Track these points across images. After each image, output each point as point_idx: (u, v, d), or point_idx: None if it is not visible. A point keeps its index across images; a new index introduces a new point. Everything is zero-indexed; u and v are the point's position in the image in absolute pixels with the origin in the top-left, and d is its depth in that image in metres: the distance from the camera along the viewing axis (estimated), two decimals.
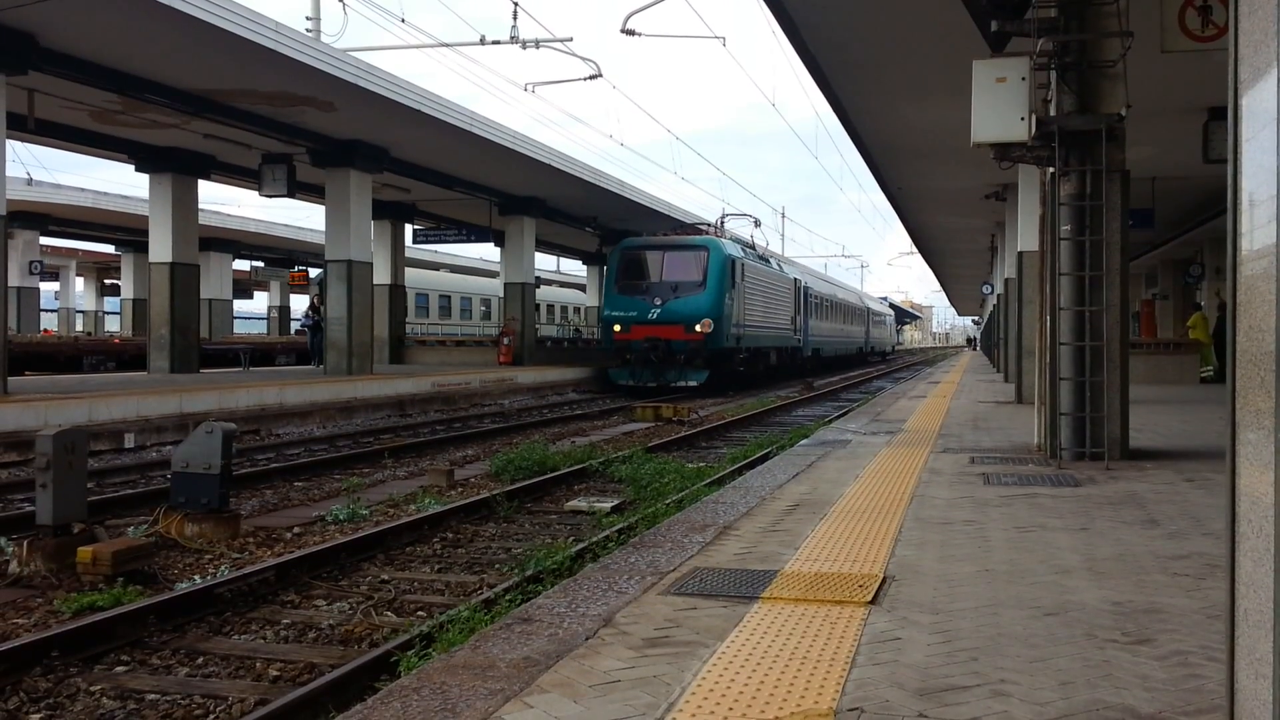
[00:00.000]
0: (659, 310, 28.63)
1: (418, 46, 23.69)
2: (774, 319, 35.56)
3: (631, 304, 28.98)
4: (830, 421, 17.17)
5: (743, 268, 30.87)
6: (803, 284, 41.29)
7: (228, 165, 24.38)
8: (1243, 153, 2.51)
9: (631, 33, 21.86)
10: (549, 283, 59.38)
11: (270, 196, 23.55)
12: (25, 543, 7.44)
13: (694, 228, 33.86)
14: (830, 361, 50.14)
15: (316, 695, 4.94)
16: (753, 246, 36.54)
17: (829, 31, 12.20)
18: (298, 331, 28.84)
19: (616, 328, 28.98)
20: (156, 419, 15.70)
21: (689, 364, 28.43)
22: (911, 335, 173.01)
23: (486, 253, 54.80)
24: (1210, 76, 12.17)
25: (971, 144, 9.46)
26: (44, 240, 41.51)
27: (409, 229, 33.99)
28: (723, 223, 36.20)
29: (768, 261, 36.52)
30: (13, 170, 36.85)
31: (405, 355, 32.87)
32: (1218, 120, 14.92)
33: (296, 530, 9.21)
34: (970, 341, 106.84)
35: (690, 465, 13.07)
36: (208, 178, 24.97)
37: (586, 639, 4.08)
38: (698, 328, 28.16)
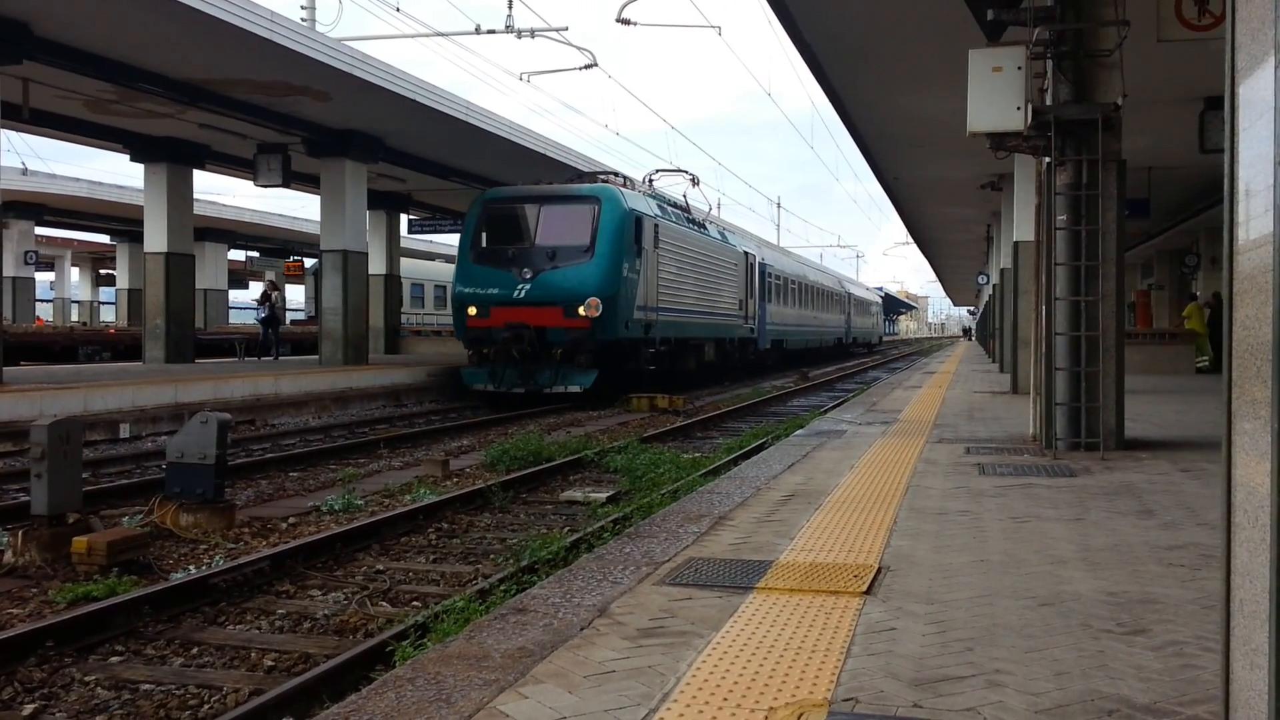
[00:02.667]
0: (528, 286, 20.88)
1: (413, 36, 23.63)
2: (711, 301, 27.94)
3: (492, 277, 21.24)
4: (826, 412, 17.17)
5: (656, 230, 23.08)
6: (757, 260, 34.18)
7: (223, 155, 24.31)
8: (1239, 142, 2.50)
9: (627, 22, 21.83)
10: None
11: (265, 186, 23.47)
12: (20, 532, 7.43)
13: (590, 176, 24.53)
14: (799, 355, 43.41)
15: (311, 685, 4.93)
16: (684, 209, 28.08)
17: (825, 21, 12.18)
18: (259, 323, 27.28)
19: (471, 310, 21.11)
20: (152, 409, 15.67)
21: (570, 360, 20.64)
22: (907, 326, 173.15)
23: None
24: (1207, 65, 12.14)
25: (967, 133, 9.46)
26: (39, 230, 41.41)
27: (404, 219, 33.91)
28: (650, 181, 28.05)
29: (703, 227, 28.57)
30: (7, 160, 36.82)
31: (401, 346, 32.84)
32: (1214, 110, 14.91)
33: (292, 520, 9.20)
34: (966, 332, 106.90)
35: (685, 455, 13.06)
36: (203, 167, 24.90)
37: (581, 629, 4.08)
38: (581, 310, 20.29)
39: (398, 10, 23.62)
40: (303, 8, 25.19)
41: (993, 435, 11.07)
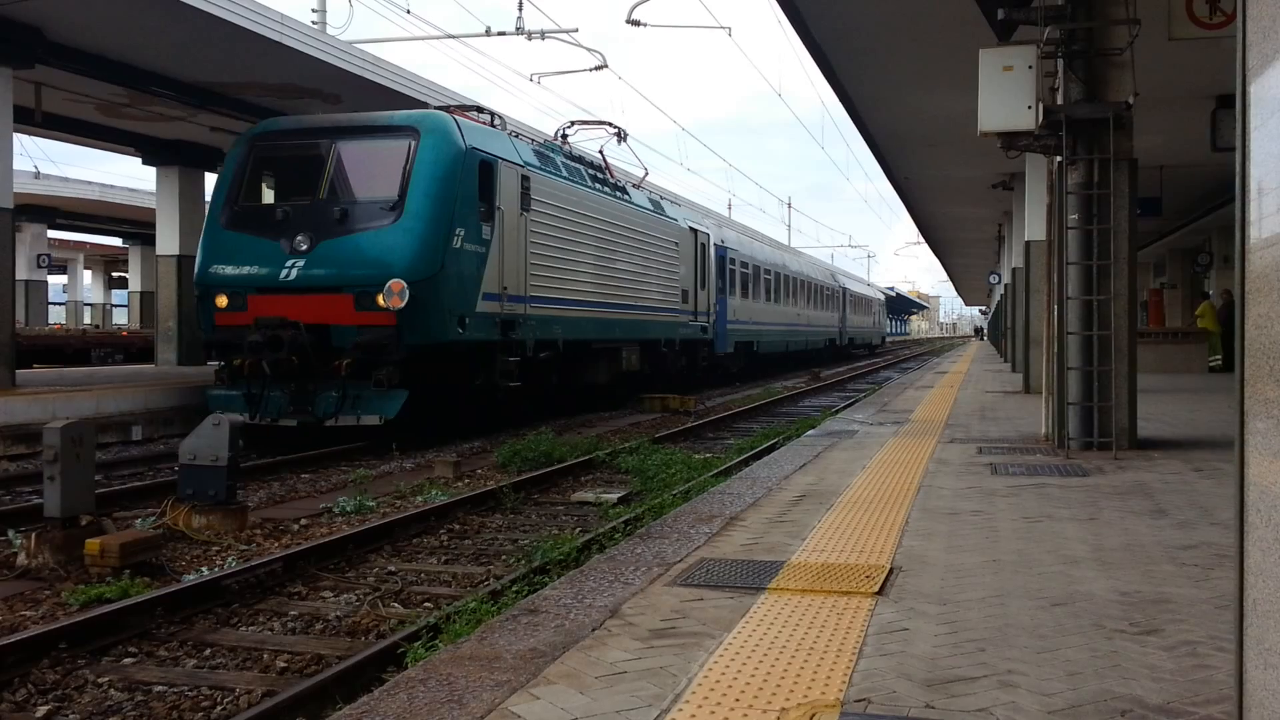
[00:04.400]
0: (302, 262, 13.88)
1: (424, 38, 23.69)
2: (632, 290, 21.04)
3: (251, 250, 14.27)
4: (837, 412, 17.15)
5: (525, 185, 16.19)
6: (711, 240, 27.52)
7: None
8: (1251, 140, 2.49)
9: (637, 23, 21.84)
10: None
11: None
12: (33, 535, 7.46)
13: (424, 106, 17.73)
14: (776, 361, 37.18)
15: (324, 687, 4.94)
16: (596, 166, 20.81)
17: (834, 21, 12.16)
18: None
19: (220, 300, 14.21)
20: (164, 411, 15.72)
21: (362, 375, 13.48)
22: (919, 325, 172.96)
23: None
24: (1218, 64, 12.09)
25: (978, 133, 9.43)
26: (51, 234, 41.54)
27: None
28: (563, 135, 21.16)
29: (622, 192, 21.22)
30: (20, 164, 36.88)
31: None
32: (1226, 108, 14.83)
33: (304, 522, 9.23)
34: (977, 331, 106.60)
35: (697, 456, 13.06)
36: (214, 170, 24.94)
37: (593, 630, 4.08)
38: (381, 299, 13.46)
39: (408, 12, 23.66)
40: (314, 11, 25.23)
41: (1005, 435, 11.04)
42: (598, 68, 23.76)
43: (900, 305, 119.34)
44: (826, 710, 3.20)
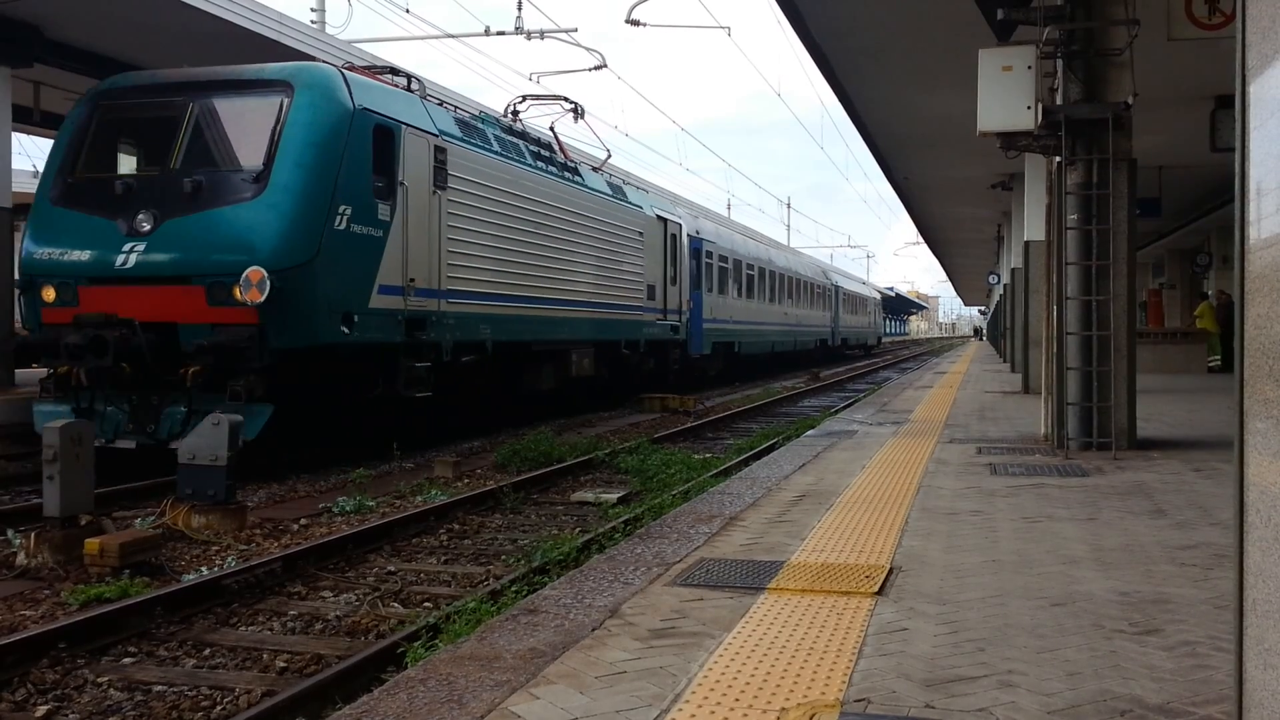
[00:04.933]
0: (143, 246, 11.41)
1: (422, 38, 23.67)
2: (581, 283, 18.33)
3: (82, 231, 11.77)
4: (837, 412, 17.16)
5: (440, 159, 13.61)
6: (683, 231, 24.92)
7: None
8: (1250, 141, 2.49)
9: (636, 23, 21.83)
10: None
11: None
12: (33, 535, 7.46)
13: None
14: (761, 363, 35.17)
15: (323, 686, 4.94)
16: (542, 144, 18.04)
17: (833, 21, 12.16)
18: None
19: (48, 294, 11.74)
20: None
21: (218, 386, 10.92)
22: (918, 326, 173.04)
23: None
24: (1217, 64, 12.09)
25: (977, 133, 9.44)
26: None
27: None
28: (514, 112, 19.01)
29: (573, 173, 18.57)
30: (19, 163, 36.83)
31: None
32: (1225, 108, 14.85)
33: (303, 521, 9.22)
34: (977, 332, 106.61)
35: (696, 456, 13.07)
36: None
37: (593, 630, 4.08)
38: (239, 291, 10.99)
39: (407, 11, 23.64)
40: (312, 10, 25.25)
41: (1004, 435, 11.05)
42: (597, 67, 23.76)
43: (899, 305, 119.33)
44: (826, 710, 3.20)
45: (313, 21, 24.66)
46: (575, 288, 18.08)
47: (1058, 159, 9.69)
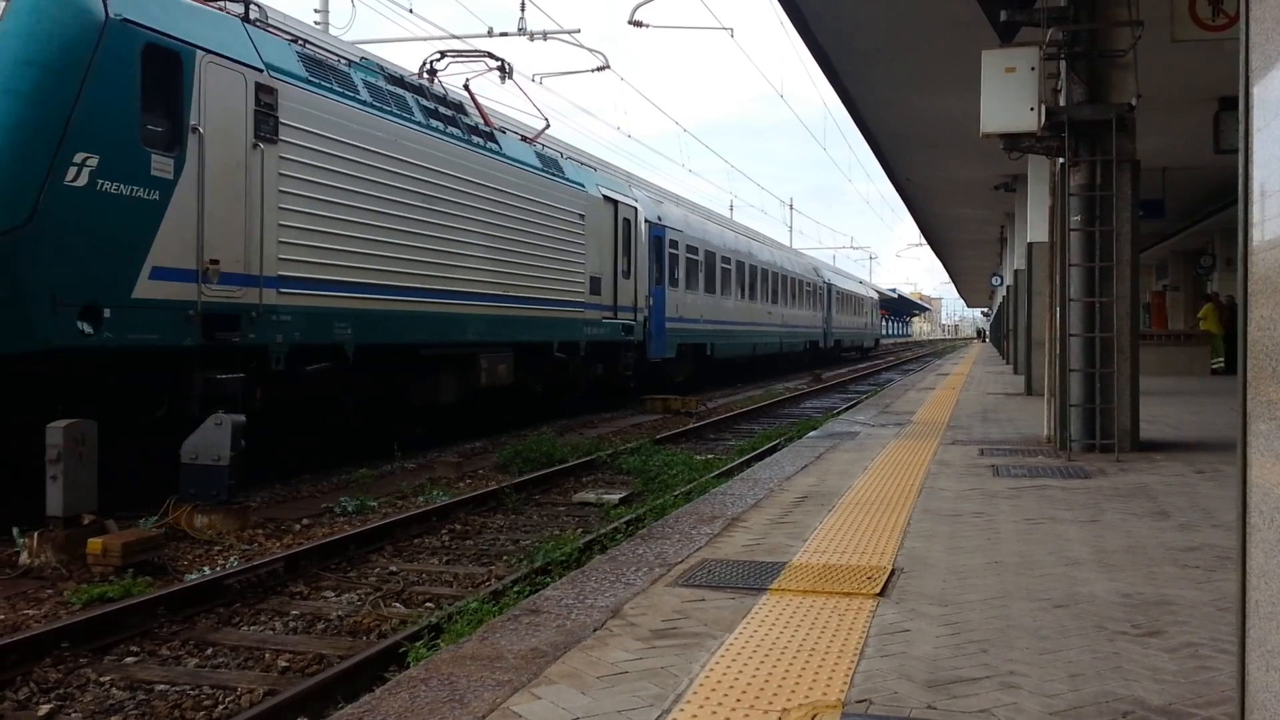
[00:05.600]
0: None
1: (425, 39, 23.73)
2: (503, 275, 15.33)
3: None
4: (839, 413, 17.15)
5: (266, 100, 10.37)
6: (641, 216, 21.63)
7: None
8: (1253, 143, 2.49)
9: (639, 24, 21.86)
10: None
11: None
12: (36, 534, 7.47)
13: None
14: (740, 369, 32.30)
15: (326, 686, 4.95)
16: (458, 106, 15.34)
17: (837, 22, 12.16)
18: None
19: None
20: None
21: None
22: (920, 327, 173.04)
23: None
24: (1221, 66, 12.10)
25: (980, 134, 9.44)
26: None
27: None
28: (430, 68, 16.07)
29: (489, 139, 15.46)
30: None
31: None
32: (1228, 110, 14.84)
33: (305, 522, 9.23)
34: (979, 333, 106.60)
35: (698, 457, 13.07)
36: None
37: (594, 630, 4.08)
38: None
39: (410, 12, 23.65)
40: (315, 11, 25.26)
41: (1007, 437, 11.04)
42: (600, 68, 23.76)
43: (902, 307, 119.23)
44: (828, 711, 3.20)
45: (315, 23, 24.67)
46: (485, 278, 14.67)
47: (1061, 160, 9.68)
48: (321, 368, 11.34)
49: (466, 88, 17.09)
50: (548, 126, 19.88)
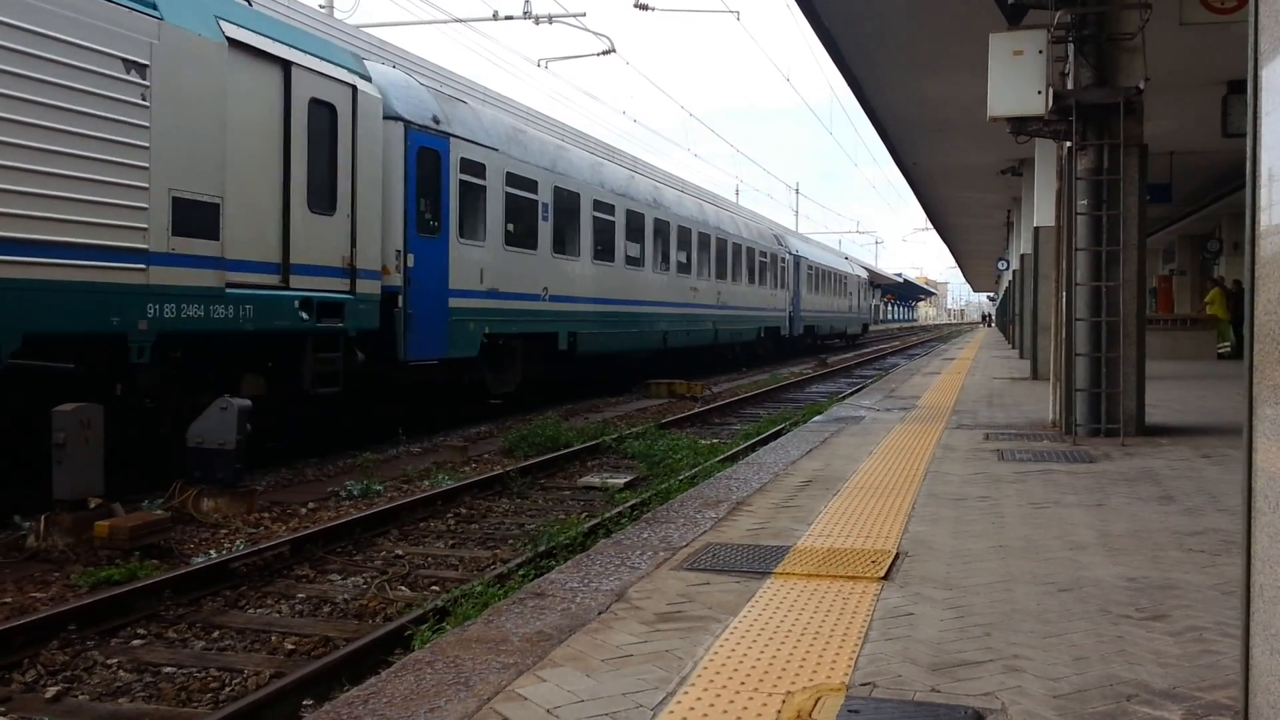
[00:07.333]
0: None
1: (430, 22, 23.61)
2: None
3: None
4: (844, 398, 17.15)
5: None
6: (352, 92, 11.36)
7: None
8: (1262, 126, 2.48)
9: (645, 7, 21.78)
10: None
11: None
12: (43, 518, 7.49)
13: None
14: (638, 365, 22.75)
15: (331, 668, 4.97)
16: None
17: (843, 5, 12.10)
18: None
19: None
20: None
21: None
22: (926, 312, 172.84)
23: None
24: (1230, 49, 12.03)
25: (988, 118, 9.40)
26: None
27: None
28: None
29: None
30: None
31: None
32: (1237, 93, 14.76)
33: (311, 505, 9.25)
34: (985, 318, 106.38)
35: (703, 441, 13.07)
36: None
37: (599, 613, 4.09)
38: None
39: None
40: None
41: (1012, 421, 11.03)
42: (605, 52, 23.69)
43: (908, 291, 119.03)
44: (832, 693, 3.21)
45: (321, 6, 24.61)
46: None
47: (1068, 144, 9.65)
48: None
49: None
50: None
